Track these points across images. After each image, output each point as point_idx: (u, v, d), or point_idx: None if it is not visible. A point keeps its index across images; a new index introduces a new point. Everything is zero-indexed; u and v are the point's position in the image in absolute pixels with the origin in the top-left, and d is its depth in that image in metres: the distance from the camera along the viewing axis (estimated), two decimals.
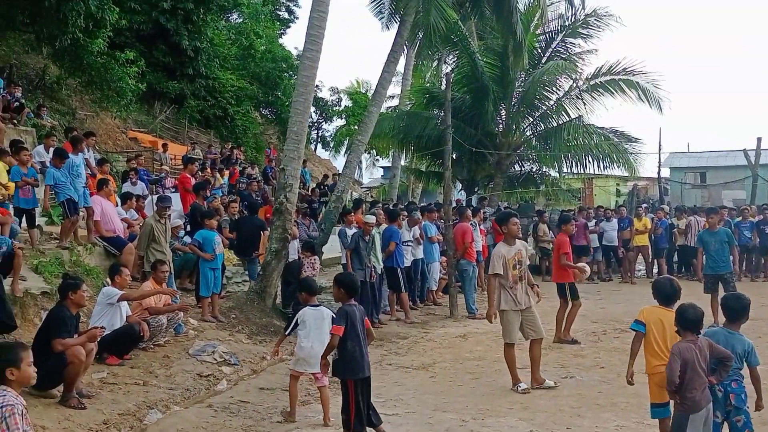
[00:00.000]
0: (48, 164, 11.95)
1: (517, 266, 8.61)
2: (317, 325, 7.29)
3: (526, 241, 22.48)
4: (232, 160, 25.24)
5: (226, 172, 21.87)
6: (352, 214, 14.95)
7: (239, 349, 10.30)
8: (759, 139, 24.42)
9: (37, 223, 11.32)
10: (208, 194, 15.43)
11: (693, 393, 5.33)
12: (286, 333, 7.68)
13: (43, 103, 20.97)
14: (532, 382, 8.59)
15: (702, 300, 8.04)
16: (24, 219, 10.84)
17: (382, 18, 21.15)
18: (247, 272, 14.02)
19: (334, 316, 6.93)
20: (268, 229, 13.47)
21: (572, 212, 20.67)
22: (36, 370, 4.51)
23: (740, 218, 19.25)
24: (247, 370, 9.57)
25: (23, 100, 18.25)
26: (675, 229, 20.02)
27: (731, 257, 12.57)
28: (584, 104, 24.05)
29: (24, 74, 23.62)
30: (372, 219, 13.33)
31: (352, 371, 6.55)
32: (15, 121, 16.97)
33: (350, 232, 13.63)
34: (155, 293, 9.56)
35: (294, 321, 7.52)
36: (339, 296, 6.80)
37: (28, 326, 8.57)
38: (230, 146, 28.08)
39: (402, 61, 25.78)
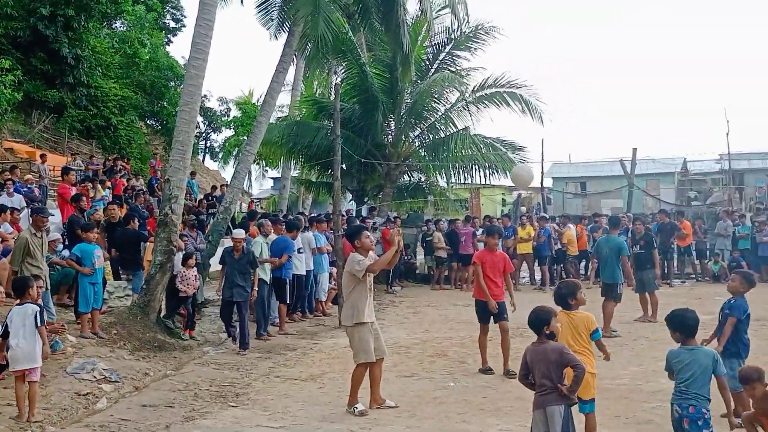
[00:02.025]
0: None
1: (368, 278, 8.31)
2: (22, 322, 7.47)
3: (416, 251, 22.94)
4: (115, 171, 24.44)
5: (109, 184, 21.15)
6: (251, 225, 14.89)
7: (121, 365, 9.93)
8: (634, 150, 25.53)
9: None
10: (88, 206, 14.89)
11: (536, 392, 5.67)
12: (2, 337, 7.67)
13: None
14: (371, 403, 8.28)
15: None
16: None
17: (270, 27, 20.93)
18: (131, 286, 13.59)
19: (39, 312, 7.46)
20: (147, 241, 13.16)
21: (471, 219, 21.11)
22: None
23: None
24: (129, 387, 9.23)
25: None
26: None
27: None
28: (470, 115, 24.58)
29: None
30: (240, 234, 12.51)
31: None
32: None
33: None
34: None
35: (5, 324, 7.58)
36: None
37: None
38: (114, 157, 27.20)
39: (292, 70, 25.73)
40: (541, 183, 28.76)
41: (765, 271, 20.23)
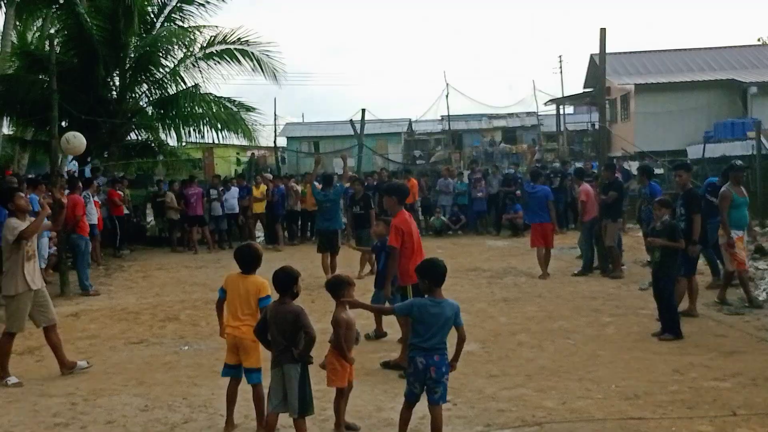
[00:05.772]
0: None
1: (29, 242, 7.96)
2: None
3: (146, 212, 22.09)
4: None
5: None
6: None
7: None
8: (363, 111, 26.26)
9: None
10: None
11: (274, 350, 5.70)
12: None
13: None
14: (61, 368, 8.11)
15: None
16: None
17: None
18: None
19: None
20: None
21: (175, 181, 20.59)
22: None
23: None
24: None
25: None
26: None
27: None
28: (201, 72, 23.81)
29: None
30: None
31: None
32: None
33: None
34: None
35: None
36: None
37: None
38: None
39: (0, 19, 23.39)
40: (275, 142, 28.88)
41: (480, 223, 21.98)
